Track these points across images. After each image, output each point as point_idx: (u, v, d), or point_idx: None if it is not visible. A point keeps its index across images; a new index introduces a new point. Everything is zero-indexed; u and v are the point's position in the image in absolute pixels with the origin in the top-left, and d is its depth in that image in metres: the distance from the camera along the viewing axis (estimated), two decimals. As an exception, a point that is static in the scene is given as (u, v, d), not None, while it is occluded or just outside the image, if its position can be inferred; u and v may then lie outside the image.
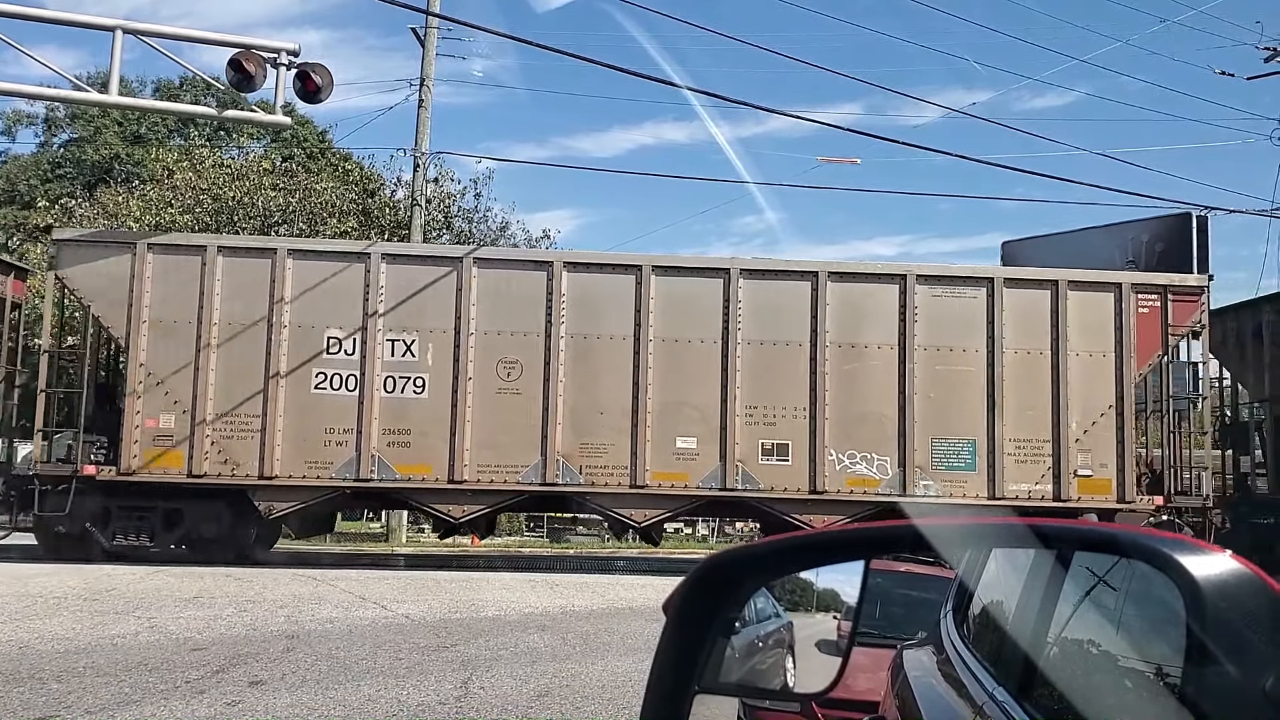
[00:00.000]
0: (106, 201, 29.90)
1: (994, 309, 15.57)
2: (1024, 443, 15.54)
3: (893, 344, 15.45)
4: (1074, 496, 15.50)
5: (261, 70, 14.33)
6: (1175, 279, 16.61)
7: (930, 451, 15.44)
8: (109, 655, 7.77)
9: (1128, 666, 1.52)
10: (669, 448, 15.16)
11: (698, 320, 15.36)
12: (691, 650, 1.58)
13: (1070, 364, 15.65)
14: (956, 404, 15.51)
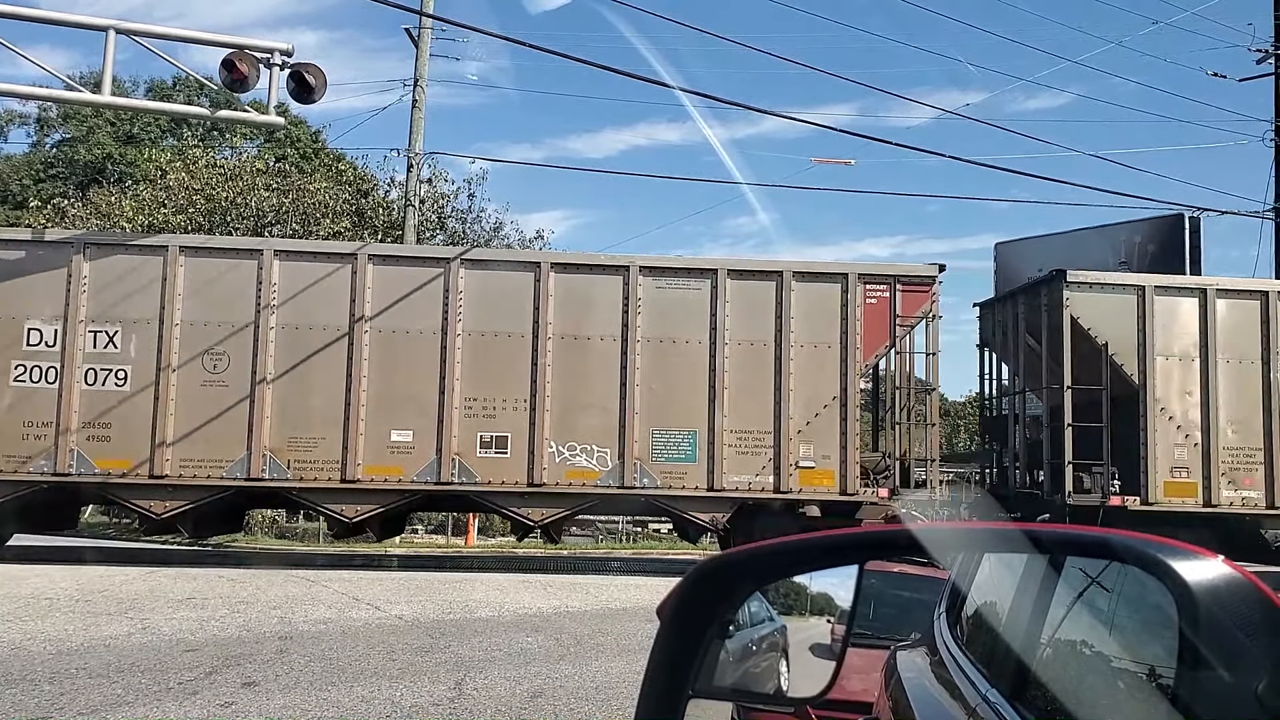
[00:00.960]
0: (99, 202, 29.84)
1: (718, 300, 15.45)
2: (745, 434, 15.38)
3: (616, 336, 15.29)
4: (795, 488, 15.37)
5: (255, 70, 14.32)
6: (905, 269, 16.43)
7: (650, 443, 15.26)
8: (101, 657, 7.76)
9: (1120, 669, 1.52)
10: (383, 441, 14.88)
11: (417, 312, 15.12)
12: (686, 654, 1.58)
13: (794, 355, 15.50)
14: (679, 396, 15.34)
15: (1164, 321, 16.14)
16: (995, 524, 1.59)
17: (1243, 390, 16.01)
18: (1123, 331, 16.05)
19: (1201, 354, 16.03)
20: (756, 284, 15.74)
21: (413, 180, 24.00)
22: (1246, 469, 15.89)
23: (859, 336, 15.70)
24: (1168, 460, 15.91)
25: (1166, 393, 16.01)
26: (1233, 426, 15.95)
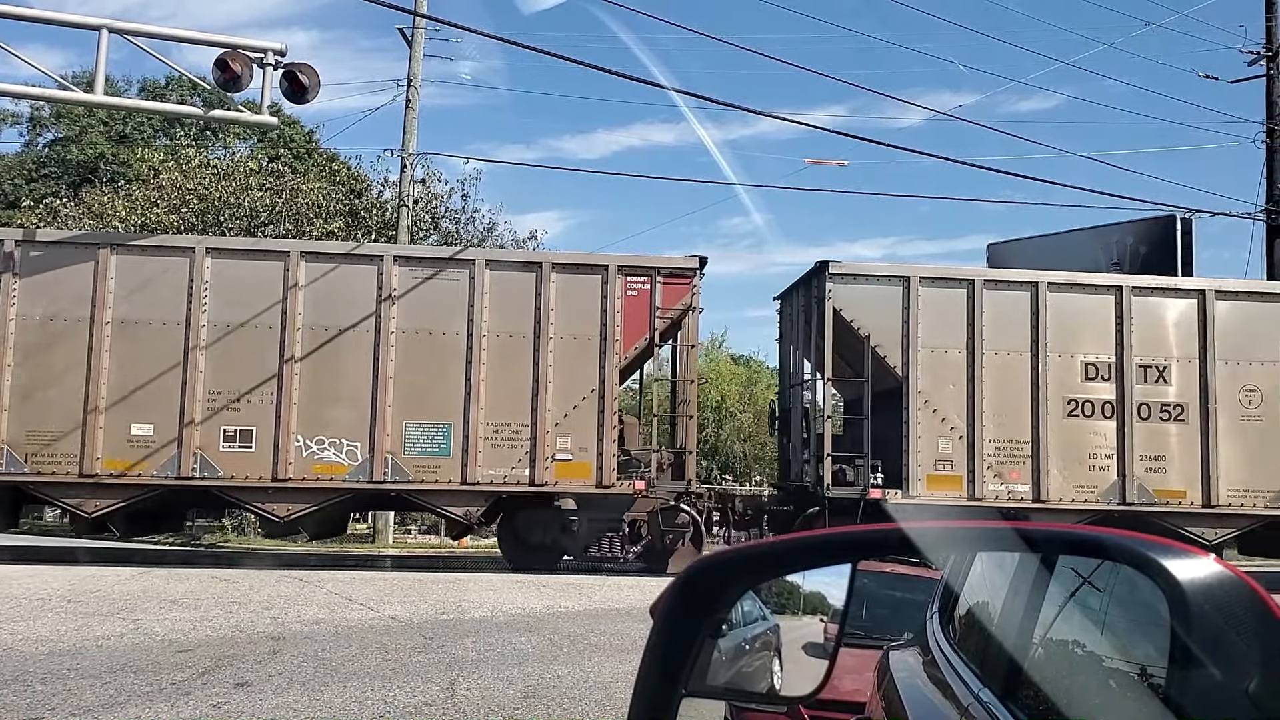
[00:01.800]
0: (92, 201, 29.78)
1: (476, 292, 15.38)
2: (502, 427, 15.32)
3: (370, 327, 15.20)
4: (551, 481, 15.31)
5: (248, 70, 14.31)
6: (665, 261, 16.36)
7: (403, 436, 15.13)
8: (94, 657, 7.74)
9: (1112, 668, 1.52)
10: (123, 435, 14.70)
11: (160, 301, 14.96)
12: (679, 653, 1.58)
13: (553, 347, 15.46)
14: (435, 388, 15.24)
15: (930, 313, 15.93)
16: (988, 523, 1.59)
17: (1011, 383, 15.86)
18: (886, 323, 15.86)
19: (968, 346, 15.83)
20: (515, 275, 15.67)
21: (406, 180, 24.02)
22: (1013, 462, 15.76)
23: (619, 329, 15.65)
24: (931, 453, 15.71)
25: (931, 385, 15.79)
26: (999, 419, 15.78)
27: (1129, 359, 15.95)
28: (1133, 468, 15.79)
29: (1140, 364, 16.01)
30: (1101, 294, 16.20)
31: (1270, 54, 24.39)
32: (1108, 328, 16.06)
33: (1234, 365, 16.06)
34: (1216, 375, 16.01)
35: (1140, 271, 19.17)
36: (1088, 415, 15.91)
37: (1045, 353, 15.90)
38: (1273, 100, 24.30)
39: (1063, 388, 15.93)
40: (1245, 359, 16.10)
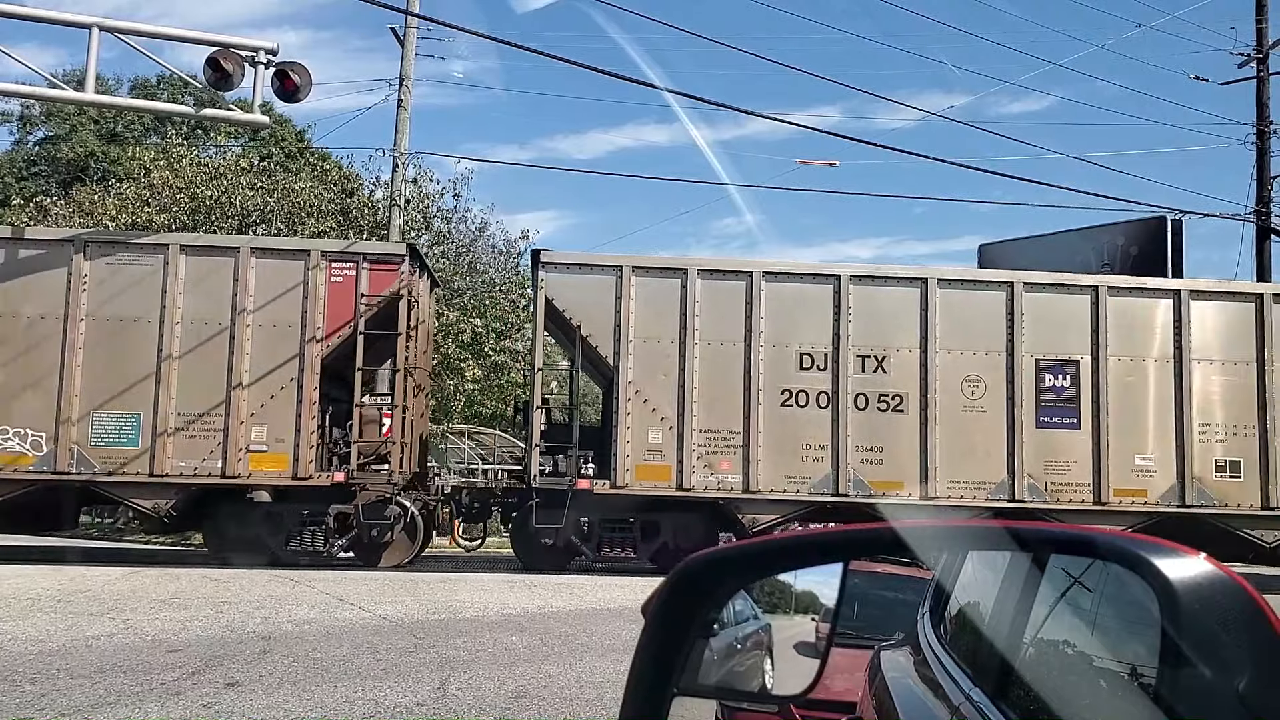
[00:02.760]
0: (82, 200, 29.69)
1: (169, 278, 15.19)
2: (194, 417, 15.09)
3: (59, 314, 14.98)
4: (245, 473, 15.08)
5: (239, 69, 14.28)
6: (372, 248, 16.41)
7: (90, 427, 14.90)
8: (83, 657, 7.71)
9: (1103, 668, 1.53)
10: None
11: None
12: (670, 652, 1.58)
13: (250, 335, 15.24)
14: (126, 377, 14.99)
15: (644, 303, 15.76)
16: (979, 522, 1.60)
17: (724, 373, 15.67)
18: (599, 313, 15.72)
19: (680, 336, 15.66)
20: (212, 260, 15.48)
21: (398, 180, 23.95)
22: (724, 453, 15.56)
23: (321, 315, 15.42)
24: (641, 443, 15.53)
25: (643, 375, 15.63)
26: (711, 410, 15.59)
27: (845, 348, 15.72)
28: (847, 459, 15.55)
29: (858, 354, 15.80)
30: (820, 283, 15.99)
31: (1260, 56, 24.48)
32: (826, 317, 15.83)
33: (957, 355, 15.84)
34: (937, 365, 15.82)
35: (1132, 272, 19.22)
36: (802, 405, 15.68)
37: (759, 343, 15.68)
38: (1263, 102, 24.39)
39: (778, 378, 15.70)
40: (969, 349, 15.89)
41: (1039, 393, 15.93)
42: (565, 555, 16.08)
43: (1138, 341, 16.11)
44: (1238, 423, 16.02)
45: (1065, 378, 15.99)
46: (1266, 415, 15.95)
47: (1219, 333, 16.24)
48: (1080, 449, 15.88)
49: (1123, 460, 15.86)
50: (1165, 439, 15.94)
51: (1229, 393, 16.09)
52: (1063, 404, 15.95)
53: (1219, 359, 16.11)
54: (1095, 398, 15.89)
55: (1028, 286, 16.10)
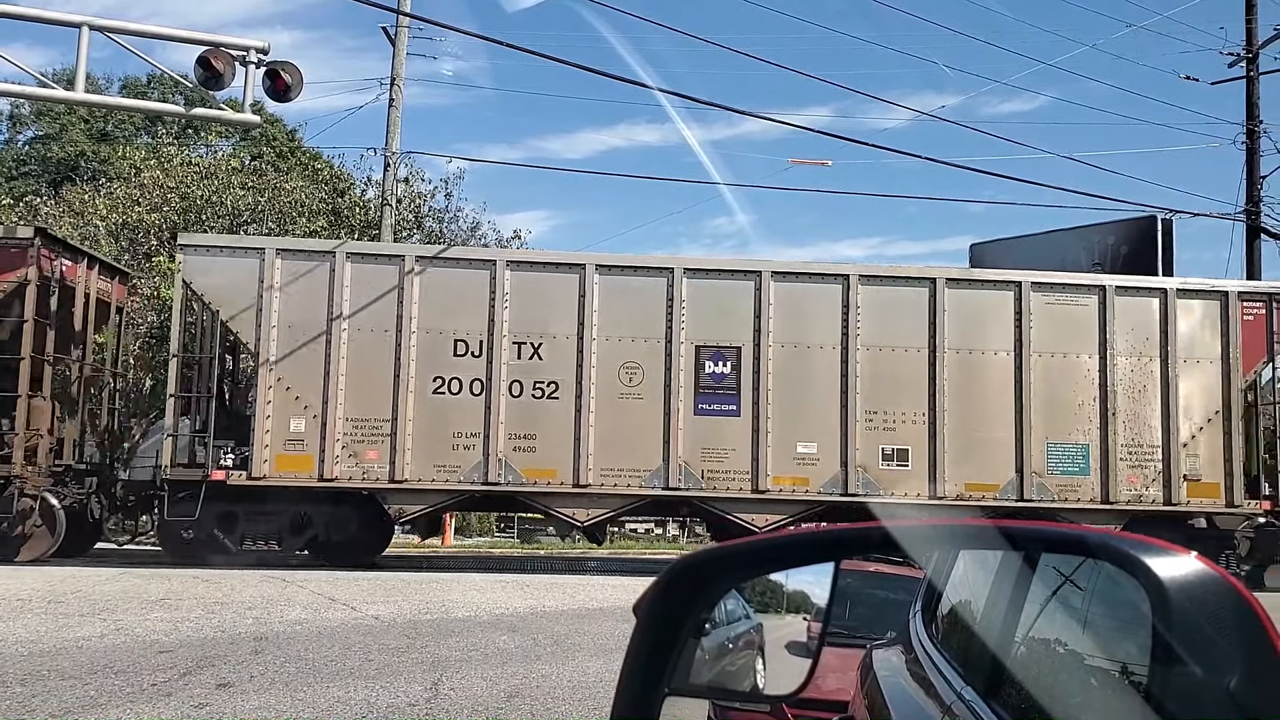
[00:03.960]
0: (72, 199, 29.61)
1: None
2: None
3: None
4: None
5: (230, 68, 14.24)
6: None
7: None
8: (74, 658, 7.69)
9: (1094, 666, 1.53)
10: None
11: None
12: (662, 652, 1.58)
13: None
14: None
15: (290, 288, 15.50)
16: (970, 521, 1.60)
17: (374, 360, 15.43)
18: (240, 298, 15.42)
19: (328, 323, 15.42)
20: None
21: (389, 179, 23.93)
22: (371, 441, 15.30)
23: None
24: (283, 432, 15.23)
25: (288, 362, 15.35)
26: (358, 398, 15.32)
27: (500, 335, 15.51)
28: (499, 447, 15.36)
29: (514, 340, 15.57)
30: (477, 269, 15.83)
31: (1250, 56, 24.56)
32: (482, 304, 15.59)
33: (615, 342, 15.58)
34: (595, 352, 15.58)
35: (1124, 272, 19.25)
36: (455, 393, 15.47)
37: (412, 329, 15.47)
38: (1253, 102, 24.48)
39: (431, 365, 15.47)
40: (628, 336, 15.65)
41: (698, 380, 15.69)
42: (211, 547, 15.58)
43: (804, 328, 15.88)
44: (907, 410, 15.79)
45: (726, 365, 15.73)
46: (936, 403, 15.76)
47: (890, 318, 16.01)
48: (740, 436, 15.60)
49: (784, 448, 15.58)
50: (830, 426, 15.70)
51: (897, 380, 15.87)
52: (723, 391, 15.68)
53: (889, 345, 15.91)
54: (756, 385, 15.63)
55: (689, 273, 15.90)
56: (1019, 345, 15.96)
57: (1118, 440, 15.96)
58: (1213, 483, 16.04)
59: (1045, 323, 16.06)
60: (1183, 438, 16.03)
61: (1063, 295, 16.23)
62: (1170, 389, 16.09)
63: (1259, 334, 16.39)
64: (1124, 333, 16.14)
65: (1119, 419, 16.00)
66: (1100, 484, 15.94)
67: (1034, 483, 15.75)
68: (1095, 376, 16.06)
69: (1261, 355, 16.45)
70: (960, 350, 15.92)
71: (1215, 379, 16.23)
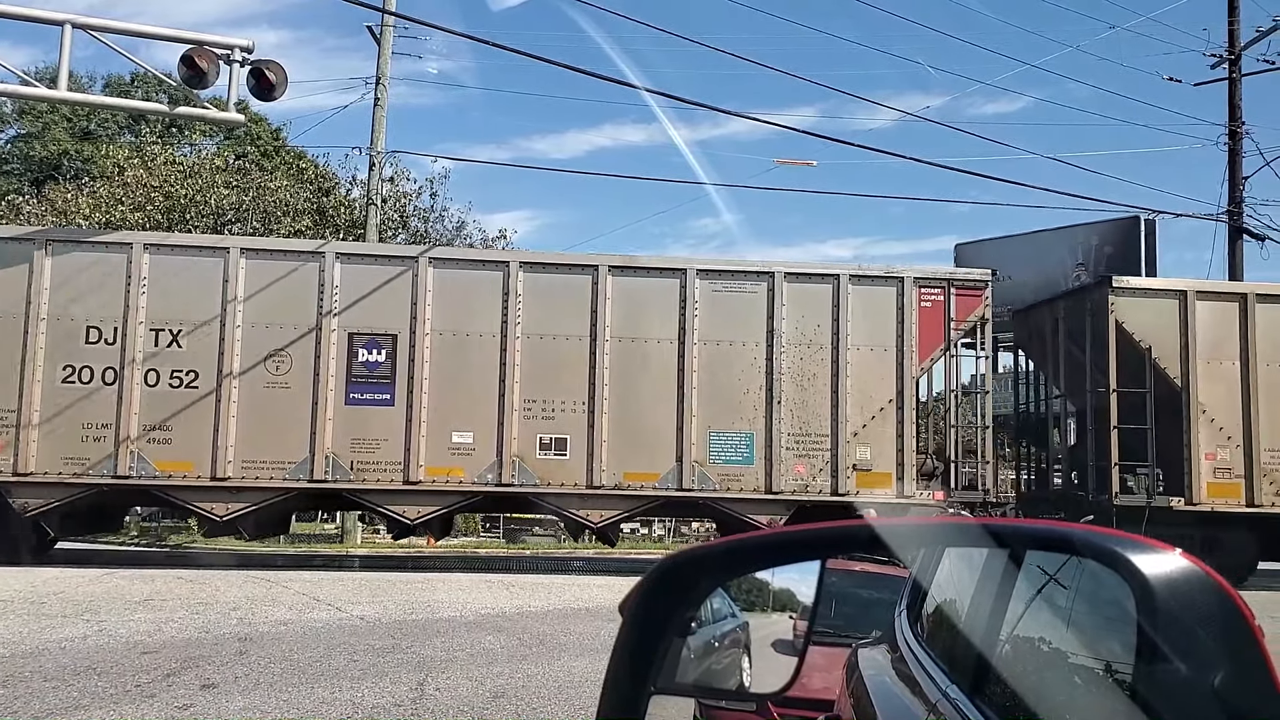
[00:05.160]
0: (55, 198, 29.46)
1: None
2: None
3: None
4: None
5: (214, 67, 14.19)
6: None
7: None
8: (56, 659, 7.65)
9: (1079, 664, 1.53)
10: None
11: None
12: (648, 651, 1.57)
13: None
14: None
15: None
16: (956, 519, 1.60)
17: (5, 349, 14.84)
18: None
19: None
20: None
21: (374, 179, 23.87)
22: None
23: None
24: None
25: None
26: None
27: (135, 321, 14.93)
28: (131, 438, 14.77)
29: (151, 327, 15.00)
30: (115, 251, 15.25)
31: (1232, 57, 24.68)
32: (119, 289, 14.98)
33: (262, 330, 15.10)
34: (239, 340, 15.08)
35: (1108, 271, 19.34)
36: (86, 381, 14.85)
37: (41, 315, 14.95)
38: (1235, 103, 24.60)
39: (64, 353, 14.84)
40: (275, 322, 15.16)
41: (350, 368, 15.27)
42: None
43: (463, 316, 15.52)
44: (567, 399, 15.45)
45: (380, 353, 15.33)
46: (597, 392, 15.42)
47: (552, 306, 15.65)
48: (393, 427, 15.20)
49: (439, 438, 15.22)
50: (487, 416, 15.32)
51: (558, 369, 15.52)
52: (376, 380, 15.29)
53: (550, 334, 15.55)
54: (411, 373, 15.26)
55: (342, 258, 15.53)
56: (683, 333, 15.56)
57: (783, 429, 15.56)
58: (884, 472, 15.66)
59: (712, 310, 15.66)
60: (853, 427, 15.65)
61: (730, 282, 15.83)
62: (841, 377, 15.70)
63: (937, 321, 15.98)
64: (794, 320, 15.74)
65: (785, 407, 15.62)
66: (764, 473, 15.52)
67: (695, 472, 15.34)
68: (763, 364, 15.65)
69: (940, 342, 16.01)
70: (623, 338, 15.53)
71: (891, 367, 15.84)
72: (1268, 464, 16.05)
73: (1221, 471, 16.04)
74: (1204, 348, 16.17)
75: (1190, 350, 16.12)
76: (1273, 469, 16.04)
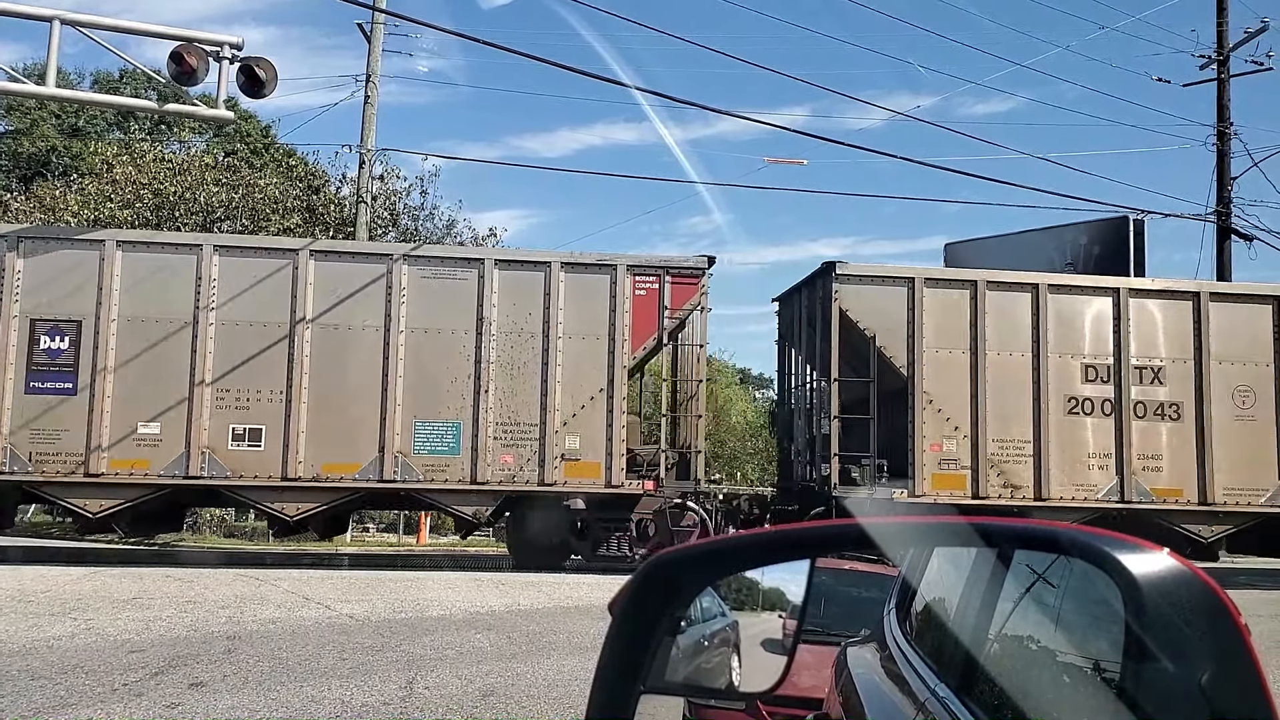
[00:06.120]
0: (43, 195, 29.35)
1: None
2: None
3: None
4: None
5: (204, 64, 14.16)
6: None
7: None
8: (44, 658, 7.62)
9: (1067, 663, 1.54)
10: None
11: None
12: (637, 650, 1.57)
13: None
14: None
15: None
16: (945, 518, 1.60)
17: None
18: None
19: None
20: None
21: (364, 177, 23.82)
22: None
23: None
24: None
25: None
26: None
27: None
28: None
29: None
30: None
31: (1221, 58, 24.78)
32: None
33: None
34: None
35: (1095, 272, 19.40)
36: None
37: None
38: (1224, 104, 24.69)
39: None
40: None
41: (32, 356, 14.78)
42: None
43: (156, 301, 15.11)
44: (264, 389, 15.10)
45: (63, 340, 14.82)
46: (294, 380, 15.09)
47: (250, 292, 15.27)
48: (75, 417, 14.75)
49: (124, 429, 14.80)
50: (178, 406, 14.93)
51: (255, 357, 15.17)
52: (58, 368, 14.79)
53: (247, 321, 15.20)
54: (95, 361, 14.78)
55: (24, 240, 15.10)
56: (389, 320, 15.35)
57: (490, 418, 15.37)
58: (593, 462, 15.46)
59: (420, 297, 15.47)
60: (563, 416, 15.48)
61: (440, 269, 15.68)
62: (551, 366, 15.53)
63: (651, 309, 15.79)
64: (505, 308, 15.58)
65: (494, 396, 15.44)
66: (470, 463, 15.30)
67: (399, 462, 15.11)
68: (472, 353, 15.48)
69: (654, 331, 15.80)
70: (325, 325, 15.28)
71: (603, 356, 15.63)
72: (995, 455, 15.71)
73: (947, 462, 15.70)
74: (933, 336, 15.82)
75: (917, 339, 15.78)
76: (1001, 460, 15.73)
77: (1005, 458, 15.80)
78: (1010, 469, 15.80)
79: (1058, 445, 15.92)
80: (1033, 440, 15.85)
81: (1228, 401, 16.20)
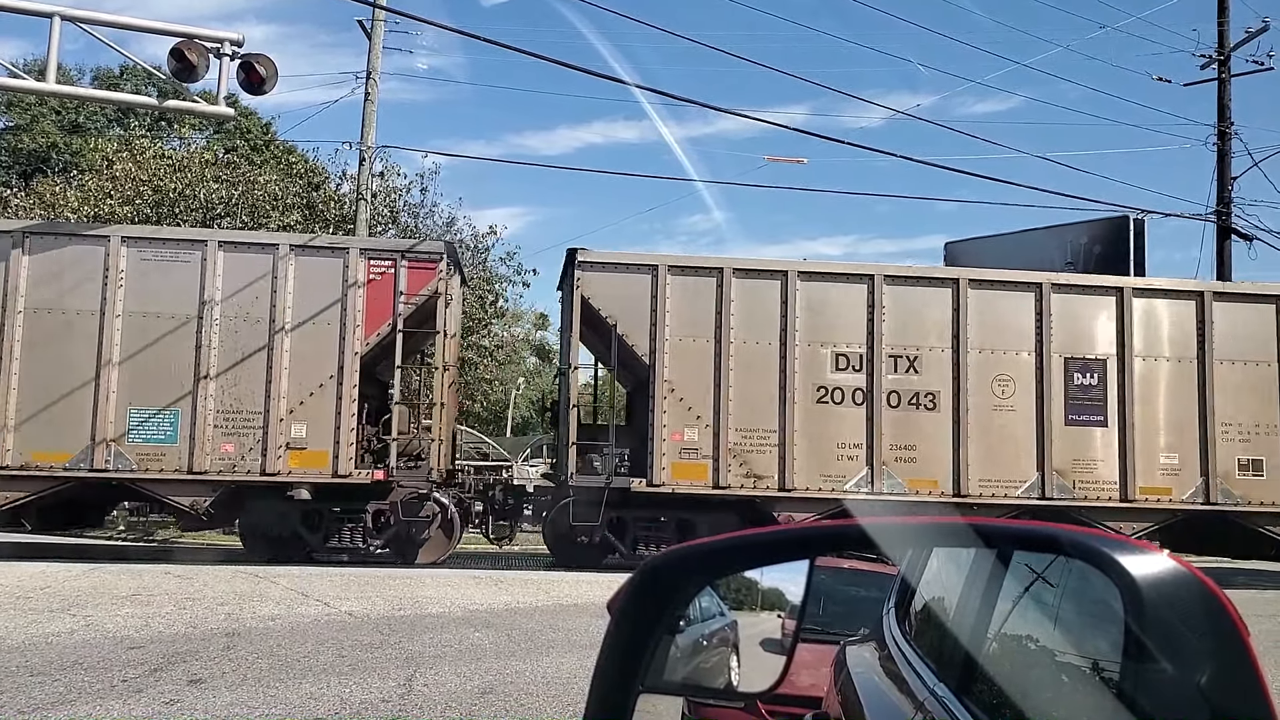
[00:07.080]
0: (43, 191, 29.34)
1: None
2: None
3: None
4: None
5: (204, 60, 14.15)
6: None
7: None
8: (43, 654, 7.62)
9: (1066, 663, 1.54)
10: None
11: None
12: (636, 649, 1.57)
13: None
14: None
15: None
16: (944, 519, 1.60)
17: None
18: None
19: None
20: None
21: (364, 174, 23.80)
22: None
23: None
24: None
25: None
26: None
27: None
28: None
29: None
30: None
31: (1222, 58, 24.77)
32: None
33: None
34: None
35: (1097, 272, 19.38)
36: None
37: None
38: (1224, 103, 24.68)
39: None
40: None
41: None
42: None
43: None
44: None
45: None
46: (3, 366, 14.77)
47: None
48: None
49: None
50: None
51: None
52: None
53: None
54: None
55: None
56: (104, 304, 15.00)
57: (211, 406, 15.07)
58: (320, 451, 15.18)
59: (140, 280, 15.15)
60: (290, 404, 15.21)
61: (162, 250, 15.37)
62: (277, 352, 15.26)
63: (386, 294, 15.57)
64: (230, 292, 15.28)
65: (215, 383, 15.13)
66: (188, 452, 14.98)
67: (111, 451, 14.83)
68: (193, 338, 15.14)
69: (388, 316, 15.56)
70: (39, 309, 14.99)
71: (333, 342, 15.36)
72: (737, 444, 15.43)
73: (688, 452, 15.40)
74: (677, 324, 15.56)
75: (659, 327, 15.53)
76: (743, 450, 15.45)
77: (749, 447, 15.53)
78: (753, 458, 15.55)
79: (804, 435, 15.57)
80: (778, 430, 15.55)
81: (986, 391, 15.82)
